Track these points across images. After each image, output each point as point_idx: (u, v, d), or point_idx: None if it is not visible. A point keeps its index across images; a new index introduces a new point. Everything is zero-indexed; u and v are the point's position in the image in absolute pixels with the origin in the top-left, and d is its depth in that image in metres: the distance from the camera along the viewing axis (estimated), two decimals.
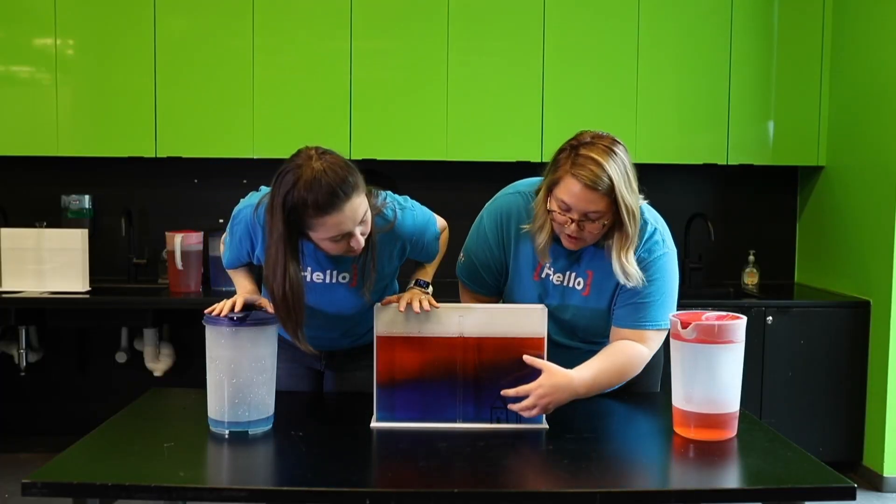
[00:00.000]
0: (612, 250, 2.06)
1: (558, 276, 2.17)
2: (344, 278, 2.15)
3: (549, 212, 2.06)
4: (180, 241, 3.95)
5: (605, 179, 1.96)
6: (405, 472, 1.78)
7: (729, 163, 4.21)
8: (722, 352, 1.91)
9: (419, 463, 1.82)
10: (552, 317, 2.16)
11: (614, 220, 2.02)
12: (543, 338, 2.03)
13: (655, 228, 2.14)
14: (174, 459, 1.82)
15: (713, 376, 1.92)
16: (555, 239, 2.12)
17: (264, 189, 2.11)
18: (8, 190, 4.31)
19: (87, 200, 4.24)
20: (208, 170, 4.34)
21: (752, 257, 4.40)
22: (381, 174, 3.78)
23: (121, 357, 4.20)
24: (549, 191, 2.05)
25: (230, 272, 2.29)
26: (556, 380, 1.99)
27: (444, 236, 2.39)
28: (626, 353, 2.12)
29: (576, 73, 4.09)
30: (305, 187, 1.88)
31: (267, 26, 4.00)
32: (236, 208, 2.19)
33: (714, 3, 4.14)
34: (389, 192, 2.19)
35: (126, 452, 1.85)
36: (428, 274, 2.30)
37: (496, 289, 2.30)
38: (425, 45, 4.04)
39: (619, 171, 1.98)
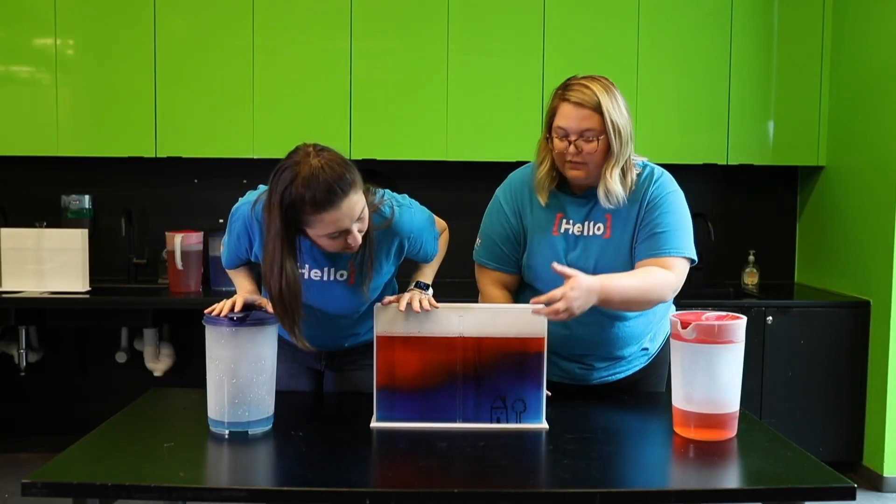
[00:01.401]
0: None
1: (578, 227, 2.22)
2: (342, 276, 2.15)
3: (549, 140, 2.17)
4: (180, 241, 3.95)
5: (594, 97, 2.12)
6: (405, 472, 1.78)
7: (729, 163, 4.22)
8: (722, 352, 1.91)
9: (419, 463, 1.82)
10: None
11: (609, 143, 2.13)
12: (543, 338, 2.03)
13: (664, 173, 2.26)
14: (174, 459, 1.82)
15: (713, 376, 1.92)
16: (562, 190, 2.22)
17: (262, 188, 2.12)
18: (8, 190, 4.31)
19: (87, 200, 4.24)
20: (208, 170, 4.34)
21: (752, 257, 4.40)
22: (381, 174, 3.77)
23: (121, 357, 4.20)
24: (549, 128, 2.18)
25: (230, 272, 2.29)
26: (585, 283, 1.98)
27: (444, 238, 2.38)
28: (654, 275, 2.12)
29: (576, 73, 4.08)
30: (303, 184, 1.89)
31: (267, 26, 4.00)
32: (234, 206, 2.19)
33: (714, 3, 4.14)
34: (388, 191, 2.19)
35: (126, 452, 1.85)
36: (427, 276, 2.30)
37: (516, 263, 2.30)
38: (425, 45, 4.04)
39: (608, 94, 2.14)
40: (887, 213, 3.81)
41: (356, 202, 1.94)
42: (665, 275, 2.12)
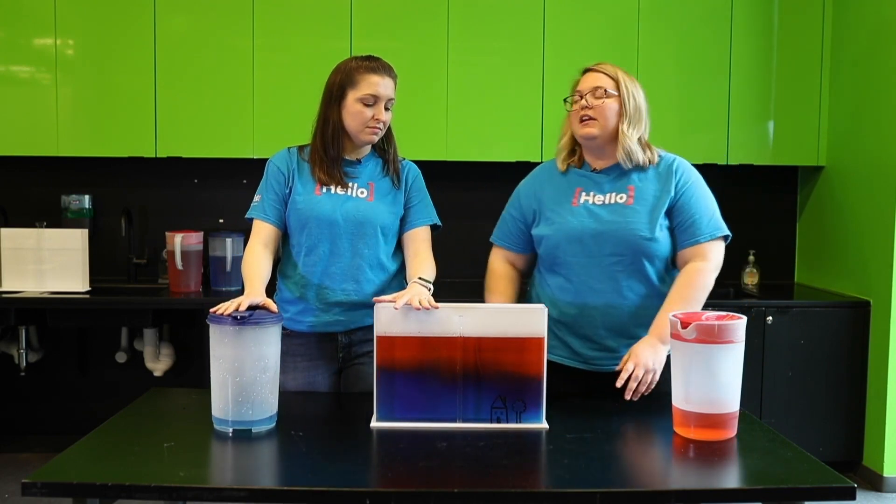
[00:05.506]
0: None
1: (600, 198, 2.34)
2: (362, 193, 2.38)
3: (569, 113, 2.37)
4: (180, 241, 3.96)
5: (607, 66, 2.36)
6: (405, 472, 1.78)
7: (729, 163, 4.22)
8: (722, 352, 1.92)
9: (419, 463, 1.82)
10: (593, 241, 2.29)
11: (622, 104, 2.30)
12: (543, 338, 2.03)
13: (684, 161, 2.43)
14: (174, 459, 1.82)
15: (713, 376, 1.92)
16: (583, 169, 2.38)
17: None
18: (8, 190, 4.31)
19: (87, 200, 4.24)
20: (208, 170, 4.35)
21: (752, 257, 4.40)
22: None
23: (121, 357, 4.20)
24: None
25: (245, 268, 2.30)
26: (643, 349, 2.17)
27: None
28: (691, 283, 2.27)
29: (576, 73, 4.08)
30: (360, 56, 2.38)
31: (267, 26, 4.00)
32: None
33: (714, 3, 4.15)
34: None
35: (126, 452, 1.85)
36: (427, 275, 2.32)
37: (522, 244, 2.46)
38: (425, 45, 4.04)
39: (622, 69, 2.36)
40: (887, 213, 3.81)
41: (393, 88, 2.36)
42: (698, 269, 2.28)
